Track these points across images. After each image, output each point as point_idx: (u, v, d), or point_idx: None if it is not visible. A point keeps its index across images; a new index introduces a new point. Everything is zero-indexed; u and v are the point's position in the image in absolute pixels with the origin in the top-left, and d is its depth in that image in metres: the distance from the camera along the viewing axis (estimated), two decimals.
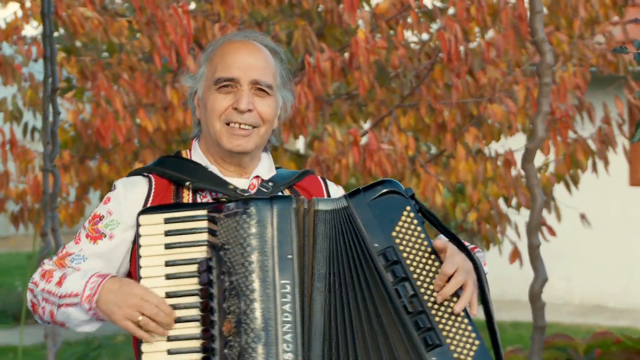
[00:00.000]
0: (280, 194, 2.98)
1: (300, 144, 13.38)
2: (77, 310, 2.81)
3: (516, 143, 8.03)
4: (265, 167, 3.05)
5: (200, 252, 2.80)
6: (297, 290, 2.76)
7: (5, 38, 7.94)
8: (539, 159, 6.98)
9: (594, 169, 8.01)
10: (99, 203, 3.00)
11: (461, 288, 2.78)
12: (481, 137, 7.67)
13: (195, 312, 2.77)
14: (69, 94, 8.37)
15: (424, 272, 2.79)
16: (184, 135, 8.00)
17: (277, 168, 3.11)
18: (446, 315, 2.76)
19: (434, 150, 8.88)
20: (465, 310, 2.78)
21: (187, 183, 2.95)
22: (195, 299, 2.77)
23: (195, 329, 2.76)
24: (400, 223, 2.81)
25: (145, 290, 2.76)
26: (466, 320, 2.77)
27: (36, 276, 2.90)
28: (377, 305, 2.76)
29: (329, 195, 3.10)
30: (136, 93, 7.64)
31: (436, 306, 2.76)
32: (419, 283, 2.77)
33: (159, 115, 7.64)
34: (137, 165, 7.47)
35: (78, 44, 8.82)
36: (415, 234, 2.81)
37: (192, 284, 2.79)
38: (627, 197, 13.55)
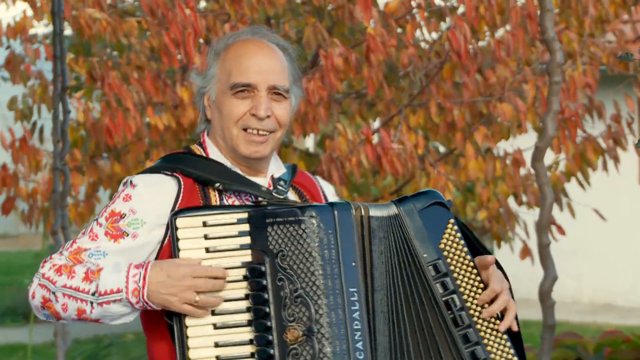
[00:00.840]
0: (289, 194, 2.96)
1: (309, 143, 13.36)
2: (119, 306, 2.70)
3: (525, 142, 8.02)
4: (276, 165, 3.02)
5: (244, 257, 2.74)
6: (363, 298, 2.74)
7: (14, 36, 7.95)
8: (548, 157, 6.97)
9: (605, 167, 8.00)
10: (112, 199, 2.86)
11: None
12: (491, 135, 7.66)
13: (244, 317, 2.72)
14: (78, 94, 8.37)
15: (468, 286, 2.82)
16: (193, 135, 8.00)
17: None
18: (489, 331, 2.81)
19: (443, 149, 8.87)
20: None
21: (217, 184, 2.87)
22: (244, 304, 2.72)
23: (247, 334, 2.71)
24: (446, 235, 2.83)
25: (192, 266, 2.69)
26: (505, 337, 2.82)
27: (48, 272, 2.74)
28: (429, 317, 2.79)
29: (321, 189, 3.09)
30: (146, 92, 7.63)
31: (480, 321, 2.80)
32: (464, 297, 2.80)
33: (169, 113, 7.63)
34: (148, 164, 7.46)
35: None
36: (459, 247, 2.83)
37: (239, 288, 2.72)
38: (637, 194, 13.52)
